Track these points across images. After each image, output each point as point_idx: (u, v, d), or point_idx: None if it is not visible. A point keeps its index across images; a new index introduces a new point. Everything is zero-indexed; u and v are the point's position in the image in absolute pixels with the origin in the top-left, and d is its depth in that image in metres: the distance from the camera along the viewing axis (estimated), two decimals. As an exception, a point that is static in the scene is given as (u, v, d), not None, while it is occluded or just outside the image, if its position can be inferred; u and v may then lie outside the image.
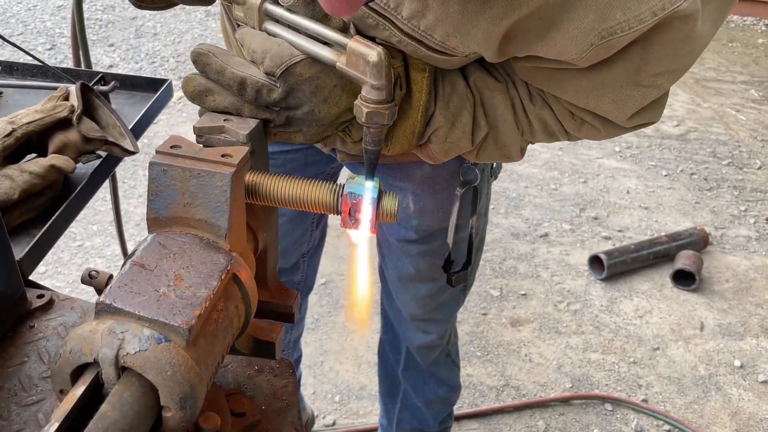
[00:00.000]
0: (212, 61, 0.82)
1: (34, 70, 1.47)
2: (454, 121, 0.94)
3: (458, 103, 0.93)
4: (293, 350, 1.94)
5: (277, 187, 0.78)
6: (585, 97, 0.88)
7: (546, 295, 2.87)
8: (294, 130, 0.87)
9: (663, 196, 3.54)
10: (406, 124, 0.92)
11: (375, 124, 0.80)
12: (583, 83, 0.86)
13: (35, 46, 4.61)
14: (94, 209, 3.18)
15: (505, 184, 3.56)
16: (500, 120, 0.97)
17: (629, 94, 0.86)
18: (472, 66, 0.95)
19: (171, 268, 0.68)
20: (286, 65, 0.81)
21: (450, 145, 0.96)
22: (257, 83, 0.81)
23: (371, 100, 0.78)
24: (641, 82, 0.85)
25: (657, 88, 0.86)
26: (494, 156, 1.02)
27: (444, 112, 0.93)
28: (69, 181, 1.17)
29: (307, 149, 1.39)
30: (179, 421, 0.62)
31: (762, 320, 2.80)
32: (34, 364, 0.89)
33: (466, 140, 0.96)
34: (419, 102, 0.90)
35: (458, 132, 0.94)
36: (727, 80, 4.76)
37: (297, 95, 0.83)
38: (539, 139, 1.01)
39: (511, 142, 1.00)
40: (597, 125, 0.94)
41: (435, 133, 0.95)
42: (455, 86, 0.93)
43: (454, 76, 0.94)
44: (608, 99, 0.87)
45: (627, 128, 0.95)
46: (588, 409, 2.40)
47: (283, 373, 0.91)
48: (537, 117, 0.98)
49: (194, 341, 0.64)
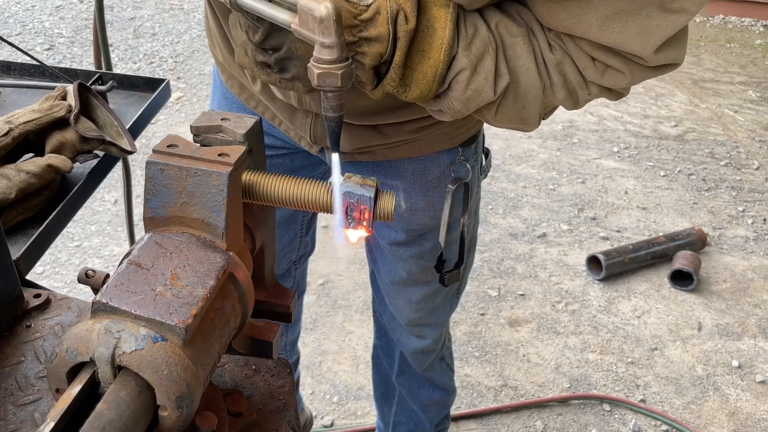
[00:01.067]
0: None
1: (31, 69, 1.47)
2: (476, 65, 0.88)
3: (481, 46, 0.88)
4: (291, 351, 1.93)
5: (274, 186, 0.78)
6: (609, 31, 0.85)
7: (544, 296, 2.87)
8: (289, 77, 0.89)
9: (661, 197, 3.54)
10: (428, 64, 0.87)
11: (329, 86, 0.76)
12: (608, 11, 0.83)
13: (33, 46, 4.61)
14: (92, 209, 3.17)
15: (503, 184, 3.56)
16: (522, 71, 0.92)
17: (656, 23, 0.84)
18: (492, 11, 0.91)
19: (168, 267, 0.68)
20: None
21: (472, 93, 0.90)
22: (246, 24, 0.87)
23: (322, 60, 0.73)
24: (669, 5, 0.83)
25: (684, 13, 0.84)
26: (512, 116, 0.96)
27: (467, 53, 0.87)
28: (66, 181, 1.17)
29: (294, 153, 1.37)
30: (176, 420, 0.62)
31: (760, 320, 2.80)
32: (31, 363, 0.89)
33: (489, 88, 0.90)
34: (442, 40, 0.85)
35: (481, 78, 0.89)
36: (725, 81, 4.76)
37: (276, 36, 0.85)
38: (560, 96, 0.96)
39: (531, 98, 0.94)
40: (621, 68, 0.90)
41: (457, 77, 0.89)
42: (477, 29, 0.88)
43: (475, 18, 0.89)
44: (634, 30, 0.84)
45: (652, 68, 0.91)
46: (586, 410, 2.40)
47: (280, 373, 0.91)
48: (557, 68, 0.93)
49: (191, 340, 0.64)
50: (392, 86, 0.89)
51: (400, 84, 0.88)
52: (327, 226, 3.10)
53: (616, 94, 0.98)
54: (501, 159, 3.73)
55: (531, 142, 3.91)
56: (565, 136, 4.02)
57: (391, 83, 0.88)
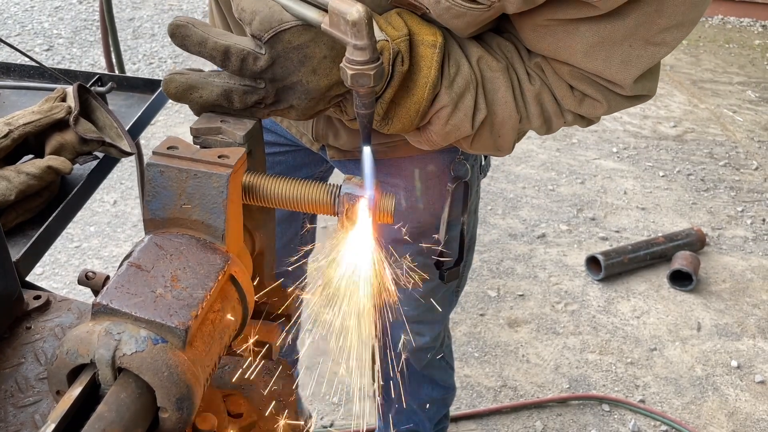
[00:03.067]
0: (192, 33, 0.78)
1: (31, 71, 1.47)
2: (458, 102, 0.91)
3: (462, 84, 0.91)
4: (291, 352, 1.94)
5: (274, 188, 0.78)
6: (593, 59, 0.88)
7: (543, 296, 2.87)
8: (285, 107, 0.84)
9: (660, 197, 3.54)
10: (411, 101, 0.89)
11: (362, 86, 0.76)
12: (594, 39, 0.86)
13: (32, 47, 4.61)
14: (92, 210, 3.17)
15: (503, 185, 3.56)
16: (500, 103, 0.94)
17: (637, 54, 0.87)
18: (474, 46, 0.94)
19: (168, 269, 0.68)
20: (275, 30, 0.77)
21: (451, 128, 0.93)
22: (242, 51, 0.78)
23: (355, 61, 0.74)
24: (652, 39, 0.85)
25: (665, 46, 0.87)
26: (487, 145, 0.99)
27: (449, 91, 0.90)
28: (66, 183, 1.17)
29: (296, 151, 1.38)
30: (176, 421, 0.62)
31: (759, 321, 2.81)
32: (31, 365, 0.89)
33: (467, 123, 0.93)
34: (427, 78, 0.88)
35: (461, 114, 0.92)
36: (723, 81, 4.77)
37: (284, 64, 0.79)
38: (535, 124, 0.99)
39: (507, 129, 0.97)
40: (599, 98, 0.94)
41: (438, 113, 0.92)
42: (460, 67, 0.91)
43: (458, 56, 0.92)
44: (617, 59, 0.87)
45: (629, 98, 0.94)
46: (585, 410, 2.40)
47: (280, 374, 0.91)
48: (535, 98, 0.96)
49: (191, 342, 0.64)
50: (376, 120, 0.91)
51: (383, 118, 0.91)
52: (326, 227, 3.10)
53: (588, 122, 1.02)
54: (500, 159, 3.73)
55: (530, 142, 3.91)
56: (565, 136, 4.02)
57: (375, 117, 0.90)
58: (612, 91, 0.93)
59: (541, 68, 0.95)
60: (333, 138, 1.21)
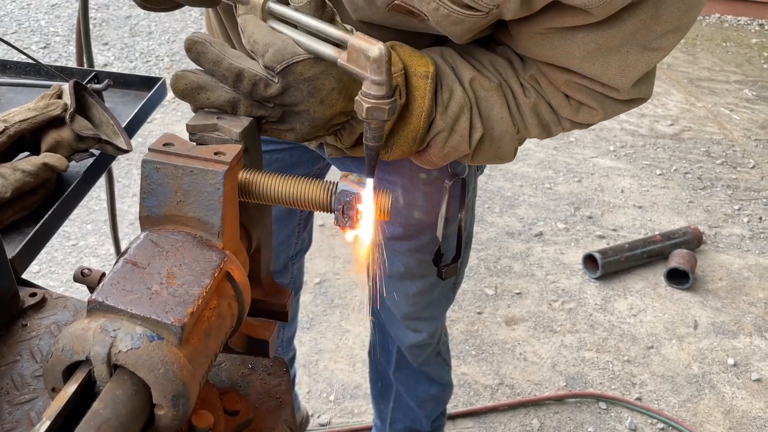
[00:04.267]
0: (208, 50, 0.80)
1: (27, 68, 1.46)
2: (453, 126, 0.95)
3: (457, 108, 0.95)
4: (287, 349, 1.94)
5: (271, 185, 0.78)
6: (591, 64, 0.89)
7: (540, 294, 2.88)
8: (286, 128, 0.87)
9: (657, 195, 3.55)
10: (408, 129, 0.93)
11: (375, 120, 0.79)
12: (591, 46, 0.87)
13: (29, 44, 4.60)
14: (88, 208, 3.17)
15: (500, 183, 3.56)
16: (495, 119, 0.98)
17: (635, 59, 0.88)
18: (466, 68, 0.97)
19: (164, 266, 0.68)
20: (288, 62, 0.80)
21: (449, 150, 0.97)
22: (255, 76, 0.80)
23: (372, 95, 0.77)
24: (649, 44, 0.87)
25: (662, 51, 0.88)
26: (488, 157, 1.03)
27: (444, 117, 0.94)
28: (62, 180, 1.17)
29: (293, 149, 1.38)
30: (172, 419, 0.62)
31: (755, 319, 2.81)
32: (27, 362, 0.89)
33: (465, 143, 0.97)
34: (421, 108, 0.92)
35: (457, 136, 0.96)
36: (721, 80, 4.77)
37: (294, 93, 0.82)
38: (533, 133, 1.02)
39: (506, 142, 1.01)
40: (595, 105, 0.96)
41: (435, 138, 0.96)
42: (453, 92, 0.95)
43: (450, 81, 0.95)
44: (614, 64, 0.89)
45: (625, 102, 0.96)
46: (582, 408, 2.41)
47: (276, 372, 0.91)
48: (532, 109, 0.99)
49: (187, 339, 0.64)
50: None
51: (383, 146, 0.95)
52: (324, 225, 3.10)
53: (586, 126, 1.05)
54: (497, 158, 3.73)
55: (528, 141, 3.91)
56: (562, 135, 4.02)
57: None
58: (608, 97, 0.95)
59: (536, 80, 0.98)
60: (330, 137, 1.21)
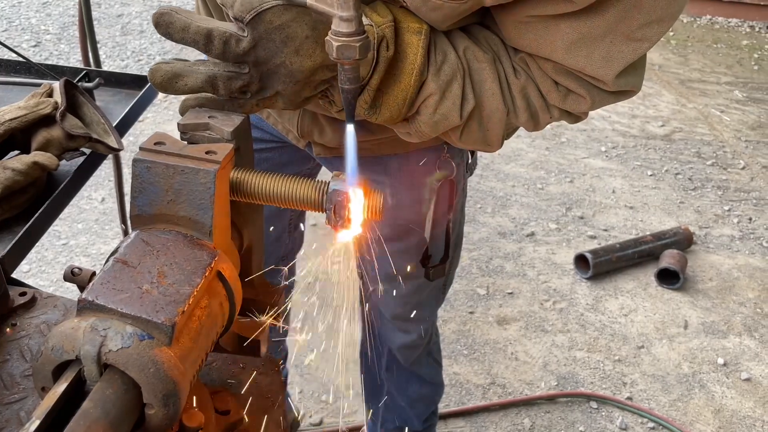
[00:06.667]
0: (175, 19, 0.80)
1: (17, 66, 1.46)
2: (445, 91, 0.91)
3: (449, 72, 0.91)
4: (279, 350, 1.93)
5: (262, 184, 0.78)
6: (575, 55, 0.88)
7: (532, 294, 2.88)
8: (271, 94, 0.84)
9: (648, 196, 3.57)
10: (398, 88, 0.89)
11: (347, 59, 0.76)
12: (574, 36, 0.86)
13: (20, 42, 4.57)
14: (79, 207, 3.15)
15: (492, 183, 3.57)
16: (487, 94, 0.95)
17: (618, 50, 0.87)
18: (460, 37, 0.94)
19: (154, 265, 0.68)
20: (256, 11, 0.78)
21: (440, 117, 0.93)
22: (224, 33, 0.79)
23: (341, 33, 0.74)
24: (632, 34, 0.86)
25: (646, 41, 0.87)
26: (476, 139, 1.00)
27: (436, 79, 0.90)
28: (52, 179, 1.16)
29: (283, 147, 1.38)
30: (162, 418, 0.62)
31: (745, 318, 2.83)
32: (16, 362, 0.89)
33: (456, 112, 0.93)
34: (413, 65, 0.88)
35: (448, 103, 0.92)
36: (711, 81, 4.80)
37: (266, 45, 0.80)
38: (522, 119, 0.99)
39: (495, 122, 0.98)
40: (582, 93, 0.94)
41: (425, 102, 0.92)
42: (446, 55, 0.91)
43: (445, 45, 0.92)
44: (598, 55, 0.88)
45: (612, 93, 0.94)
46: (573, 407, 2.42)
47: (268, 371, 0.91)
48: (521, 92, 0.96)
49: (177, 338, 0.64)
50: (363, 108, 0.91)
51: (371, 106, 0.91)
52: (316, 225, 3.09)
53: (575, 118, 1.02)
54: (490, 158, 3.73)
55: (520, 141, 3.92)
56: (554, 135, 4.04)
57: (363, 105, 0.90)
58: (595, 86, 0.93)
59: (526, 63, 0.96)
60: (318, 135, 1.21)
